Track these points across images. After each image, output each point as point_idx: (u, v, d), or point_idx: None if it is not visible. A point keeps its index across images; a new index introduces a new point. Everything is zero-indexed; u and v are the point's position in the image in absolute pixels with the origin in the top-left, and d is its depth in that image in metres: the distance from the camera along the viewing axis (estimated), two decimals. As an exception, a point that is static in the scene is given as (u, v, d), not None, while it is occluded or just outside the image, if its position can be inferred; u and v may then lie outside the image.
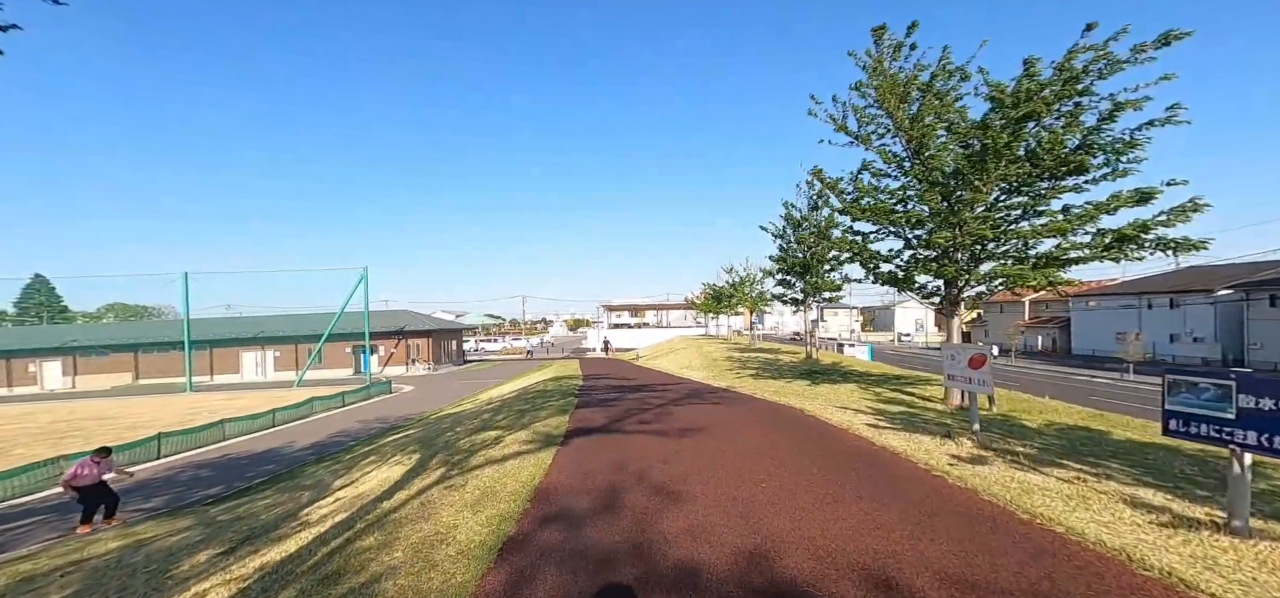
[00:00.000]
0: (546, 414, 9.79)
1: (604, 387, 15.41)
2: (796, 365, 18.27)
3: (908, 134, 9.32)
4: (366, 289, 38.21)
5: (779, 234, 19.96)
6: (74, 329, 42.47)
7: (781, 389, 12.34)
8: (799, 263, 18.75)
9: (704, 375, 17.81)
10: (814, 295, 19.46)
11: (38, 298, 69.37)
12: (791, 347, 29.78)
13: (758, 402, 10.37)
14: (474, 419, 11.76)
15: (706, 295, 49.93)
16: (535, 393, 15.14)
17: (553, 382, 18.22)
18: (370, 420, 22.81)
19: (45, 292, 70.24)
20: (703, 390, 13.28)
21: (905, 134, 9.38)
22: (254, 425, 20.71)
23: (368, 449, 13.13)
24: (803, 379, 14.20)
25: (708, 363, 22.28)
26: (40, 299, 69.36)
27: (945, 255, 9.11)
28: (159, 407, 28.26)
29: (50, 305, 69.60)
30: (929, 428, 7.02)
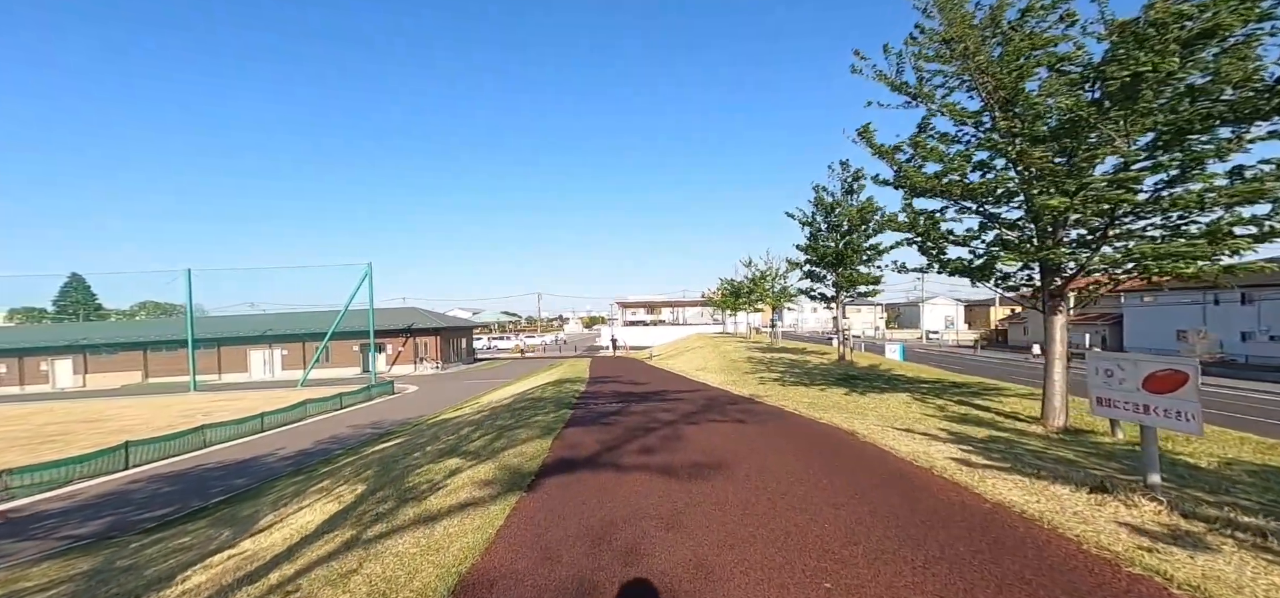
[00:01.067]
0: (528, 435, 7.90)
1: (608, 394, 13.50)
2: (829, 369, 16.08)
3: (994, 79, 7.11)
4: (371, 286, 37.08)
5: (808, 221, 17.76)
6: (84, 328, 42.39)
7: (817, 400, 10.24)
8: (831, 253, 16.53)
9: (722, 380, 15.75)
10: (847, 290, 17.22)
11: (75, 297, 70.70)
12: (818, 346, 27.42)
13: (791, 418, 8.31)
14: (449, 436, 9.96)
15: (723, 292, 47.68)
16: (530, 401, 13.32)
17: (554, 386, 16.39)
18: (362, 426, 21.39)
19: (82, 290, 71.54)
20: (721, 400, 11.26)
21: (991, 79, 7.16)
22: (240, 431, 19.39)
23: (326, 471, 11.45)
24: (839, 386, 12.06)
25: (726, 365, 20.18)
26: (77, 298, 70.68)
27: (1046, 233, 6.93)
28: (156, 408, 27.41)
29: (86, 304, 70.89)
30: (1049, 467, 4.90)
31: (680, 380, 17.32)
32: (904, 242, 8.50)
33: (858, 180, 16.04)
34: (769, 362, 19.37)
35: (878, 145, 8.35)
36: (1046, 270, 7.19)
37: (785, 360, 19.62)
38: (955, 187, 7.46)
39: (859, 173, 15.88)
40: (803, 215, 17.94)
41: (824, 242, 17.11)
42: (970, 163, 7.41)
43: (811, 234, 17.63)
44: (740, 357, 22.69)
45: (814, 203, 17.42)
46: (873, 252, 16.08)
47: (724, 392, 12.91)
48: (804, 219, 17.86)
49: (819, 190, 17.20)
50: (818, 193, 17.15)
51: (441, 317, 49.60)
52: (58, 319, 64.39)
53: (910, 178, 7.81)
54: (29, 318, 64.68)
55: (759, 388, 12.85)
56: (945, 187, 7.50)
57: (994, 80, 7.12)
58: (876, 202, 15.46)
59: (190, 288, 34.71)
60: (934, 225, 8.07)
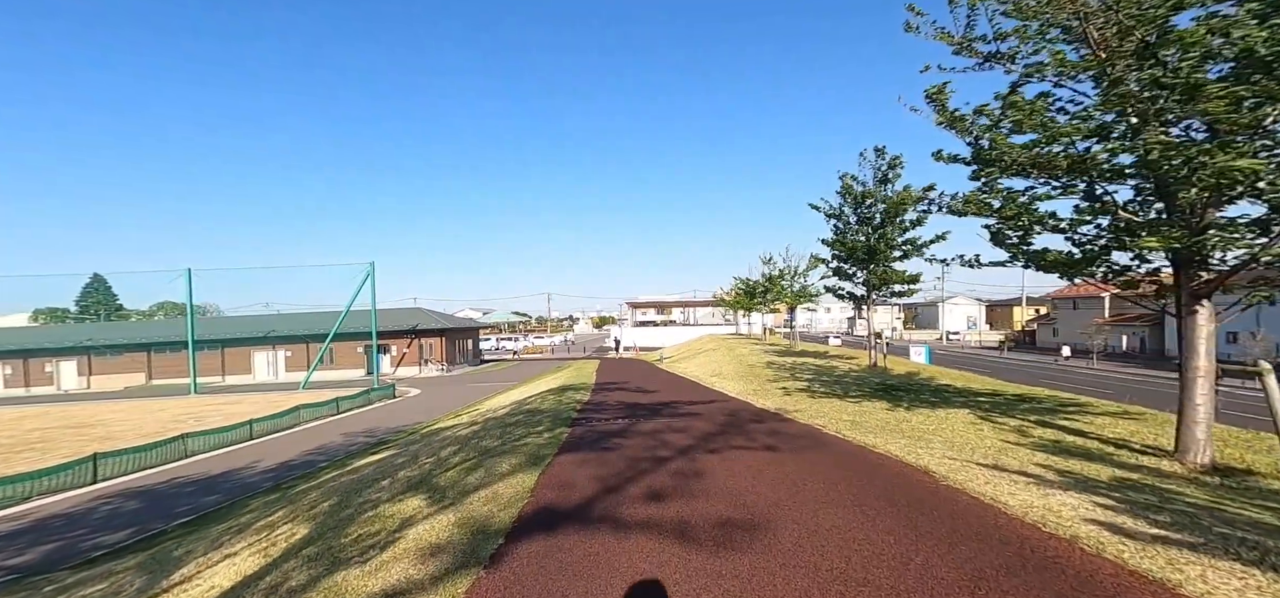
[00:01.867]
0: (512, 465, 6.46)
1: (613, 405, 12.01)
2: (862, 377, 14.42)
3: (1116, 24, 5.36)
4: (373, 286, 36.08)
5: (834, 213, 16.09)
6: (89, 329, 42.05)
7: (858, 417, 8.64)
8: (861, 249, 14.86)
9: (742, 388, 14.18)
10: (879, 289, 15.52)
11: (96, 297, 71.22)
12: (841, 350, 25.65)
13: (835, 444, 6.75)
14: (427, 459, 8.58)
15: (736, 292, 45.97)
16: (527, 413, 11.89)
17: (555, 395, 14.96)
18: (356, 434, 20.20)
19: (102, 291, 72.07)
20: (743, 415, 9.71)
21: (1114, 26, 5.40)
22: (224, 439, 18.29)
23: (281, 501, 10.11)
24: (879, 399, 10.43)
25: (744, 370, 18.57)
26: (98, 298, 71.20)
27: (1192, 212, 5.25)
28: (150, 412, 26.58)
29: (106, 304, 71.39)
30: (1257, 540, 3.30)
31: (694, 389, 15.77)
32: (987, 229, 6.82)
33: (894, 168, 14.34)
34: (791, 367, 17.73)
35: (951, 112, 6.70)
36: (1185, 262, 5.54)
37: (809, 366, 17.95)
38: (1058, 160, 5.80)
39: (896, 160, 14.20)
40: (828, 207, 16.28)
41: (853, 236, 15.44)
42: (1085, 129, 5.68)
43: (839, 228, 15.95)
44: (758, 361, 21.06)
45: (842, 193, 15.75)
46: (909, 246, 14.36)
47: (745, 404, 11.34)
48: (830, 211, 16.19)
49: (847, 180, 15.53)
50: (846, 183, 15.48)
51: (447, 317, 48.60)
52: (80, 319, 64.77)
53: (999, 150, 6.11)
54: (52, 318, 65.15)
55: (785, 400, 11.26)
56: (1045, 160, 5.84)
57: (1116, 24, 5.41)
58: (915, 190, 13.77)
59: (190, 288, 34.00)
60: (1027, 209, 6.37)
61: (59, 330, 42.28)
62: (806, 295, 25.13)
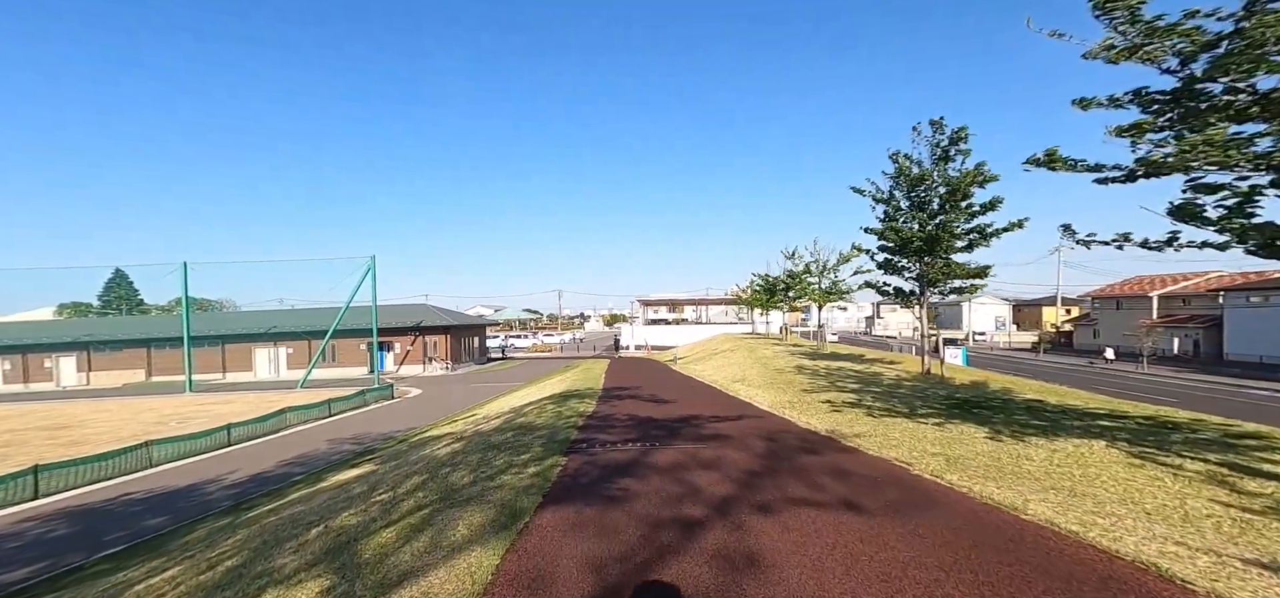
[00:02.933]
0: (469, 533, 4.46)
1: (622, 420, 9.95)
2: (918, 386, 12.15)
3: None
4: (374, 281, 34.52)
5: (883, 198, 13.81)
6: (88, 324, 41.26)
7: (949, 448, 6.46)
8: (916, 239, 12.58)
9: (774, 398, 12.03)
10: (936, 285, 13.24)
11: (118, 291, 71.37)
12: (876, 352, 23.28)
13: (946, 501, 4.63)
14: (384, 493, 6.63)
15: (754, 289, 43.62)
16: (517, 429, 9.90)
17: (555, 404, 12.96)
18: (343, 441, 18.46)
19: (124, 285, 72.22)
20: (788, 440, 7.59)
21: None
22: (198, 446, 16.64)
23: (228, 526, 8.24)
24: (961, 419, 8.21)
25: (771, 375, 16.38)
26: (120, 293, 71.35)
27: None
28: (137, 412, 25.22)
29: (128, 299, 71.53)
30: None
31: (716, 397, 13.65)
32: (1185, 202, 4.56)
33: (957, 143, 12.04)
34: (827, 373, 15.49)
35: (1142, 18, 4.43)
36: None
37: (848, 371, 15.69)
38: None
39: (960, 133, 11.89)
40: (875, 190, 14.00)
41: (906, 223, 13.15)
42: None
43: (888, 214, 13.67)
44: (785, 364, 18.83)
45: (894, 174, 13.46)
46: (977, 235, 12.04)
47: (785, 422, 9.20)
48: (877, 195, 13.90)
49: (900, 159, 13.24)
50: (899, 163, 13.18)
51: (452, 314, 47.02)
52: (103, 313, 64.82)
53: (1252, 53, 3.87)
54: (77, 312, 65.28)
55: (835, 417, 9.09)
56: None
57: None
58: (989, 168, 11.44)
59: (186, 283, 32.77)
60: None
61: (58, 326, 41.56)
62: (837, 292, 22.83)
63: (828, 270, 23.11)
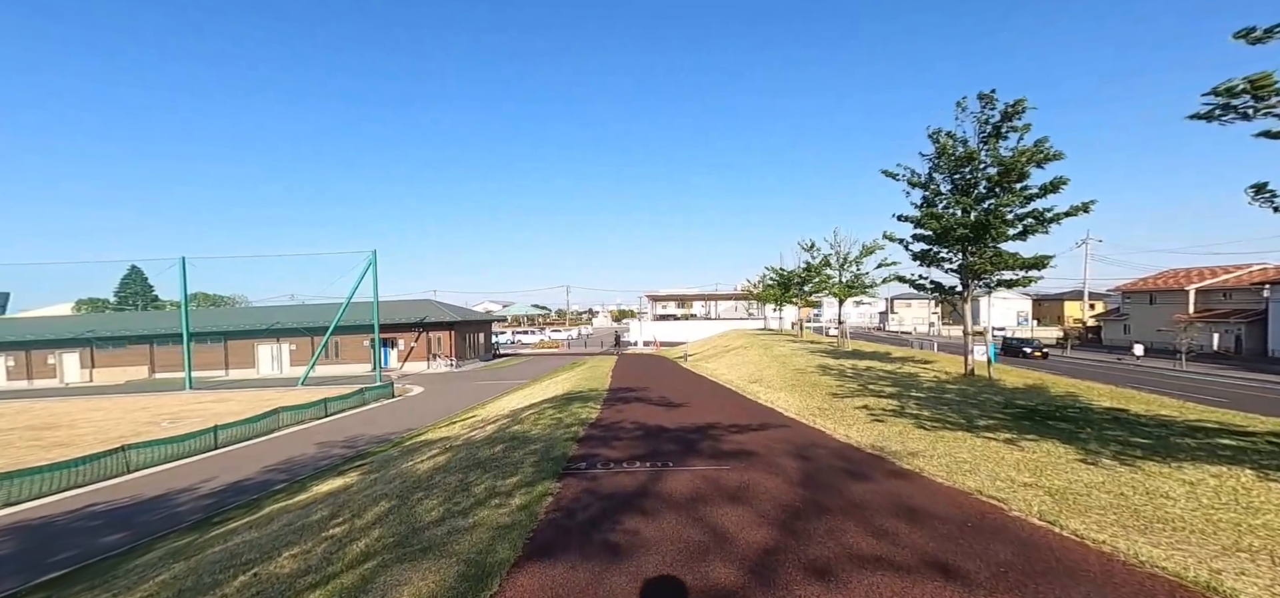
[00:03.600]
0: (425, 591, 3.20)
1: (628, 430, 8.71)
2: (966, 390, 10.75)
3: None
4: (375, 275, 33.59)
5: (920, 182, 12.37)
6: (91, 321, 40.92)
7: (1042, 476, 5.14)
8: (960, 225, 11.15)
9: (801, 404, 10.71)
10: (982, 278, 11.81)
11: (133, 288, 71.67)
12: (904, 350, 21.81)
13: (1097, 571, 3.30)
14: (333, 528, 5.46)
15: (766, 283, 42.15)
16: (511, 438, 8.70)
17: (555, 409, 11.76)
18: (334, 444, 17.46)
19: (139, 281, 72.51)
20: (828, 460, 6.30)
21: None
22: (180, 450, 15.71)
23: (188, 546, 7.15)
24: (1033, 433, 6.85)
25: (791, 375, 15.03)
26: (136, 289, 71.64)
27: None
28: (129, 411, 24.50)
29: (144, 295, 71.81)
30: None
31: (733, 401, 12.35)
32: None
33: (1011, 118, 10.57)
34: (855, 373, 14.11)
35: None
36: None
37: (877, 372, 14.30)
38: None
39: (1016, 106, 10.42)
40: (910, 174, 12.56)
41: (948, 209, 11.71)
42: None
43: (927, 200, 12.24)
44: (805, 363, 17.46)
45: (934, 155, 12.01)
46: (1034, 221, 10.58)
47: (818, 433, 7.90)
48: (913, 179, 12.46)
49: (941, 138, 11.79)
50: (940, 142, 11.72)
51: (457, 310, 46.11)
52: (119, 309, 65.06)
53: None
54: (93, 308, 65.65)
55: (879, 429, 7.76)
56: None
57: None
58: (1052, 146, 9.95)
59: (185, 278, 32.10)
60: None
61: (61, 322, 41.28)
62: (859, 286, 21.36)
63: (849, 263, 21.64)
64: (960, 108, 11.53)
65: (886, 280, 21.21)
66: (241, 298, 79.78)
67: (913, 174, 12.51)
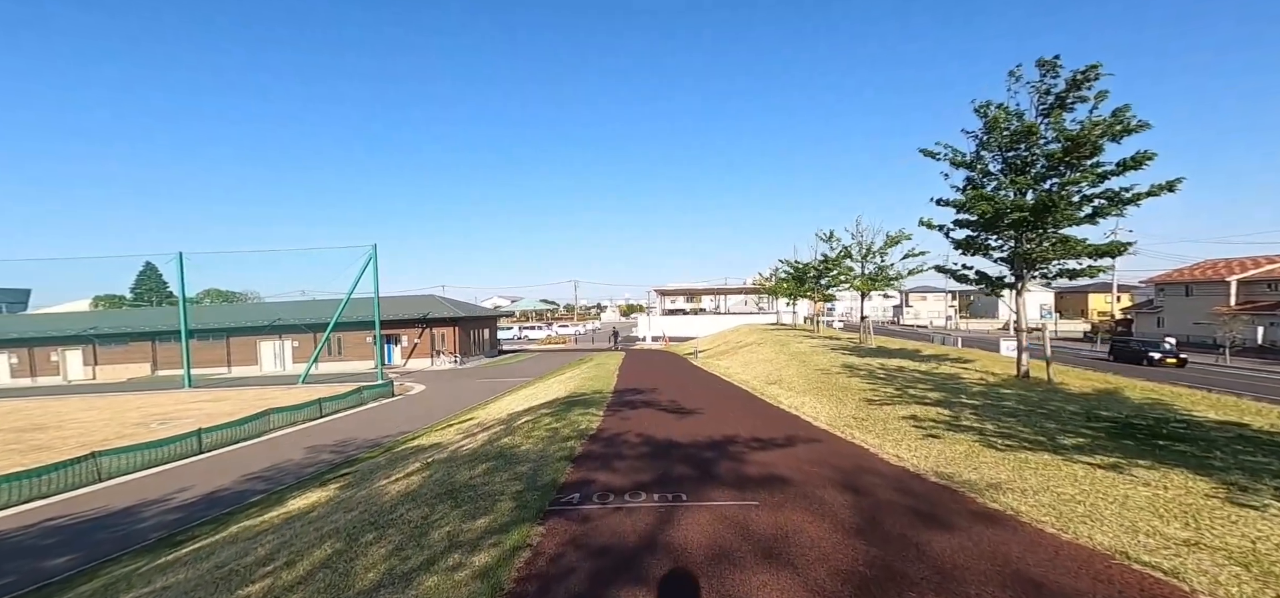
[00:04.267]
0: None
1: (633, 445, 7.45)
2: (1021, 393, 9.33)
3: None
4: (376, 270, 32.65)
5: (965, 161, 10.91)
6: (93, 317, 40.57)
7: (1203, 523, 3.80)
8: (1015, 209, 9.68)
9: (831, 411, 9.37)
10: (1038, 269, 10.36)
11: (149, 284, 71.98)
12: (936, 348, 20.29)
13: None
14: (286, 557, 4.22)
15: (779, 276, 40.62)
16: (496, 457, 7.49)
17: (553, 415, 10.53)
18: (325, 448, 16.49)
19: (155, 278, 72.76)
20: (883, 489, 4.99)
21: None
22: (160, 455, 14.79)
23: (138, 570, 6.01)
24: (1142, 453, 5.50)
25: (814, 376, 13.68)
26: (151, 285, 71.95)
27: None
28: (121, 410, 23.78)
29: (158, 291, 72.12)
30: None
31: (751, 406, 11.04)
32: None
33: (1080, 87, 9.07)
34: (886, 374, 12.71)
35: None
36: None
37: (909, 372, 12.89)
38: None
39: (1087, 73, 8.91)
40: (953, 154, 11.09)
41: (999, 191, 10.23)
42: None
43: (969, 181, 10.78)
44: (827, 361, 16.06)
45: (983, 130, 10.53)
46: (1107, 202, 9.09)
47: (860, 451, 6.57)
48: (956, 158, 10.99)
49: (990, 112, 10.31)
50: (990, 116, 10.24)
51: (461, 305, 45.18)
52: (135, 305, 65.43)
53: None
54: (110, 304, 66.07)
55: (936, 448, 6.42)
56: None
57: None
58: (1134, 116, 8.42)
59: (182, 273, 31.39)
60: None
61: (63, 319, 40.99)
62: (883, 279, 19.87)
63: (872, 254, 20.15)
64: (1014, 78, 10.03)
65: (913, 272, 19.67)
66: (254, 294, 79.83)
67: (955, 153, 11.03)
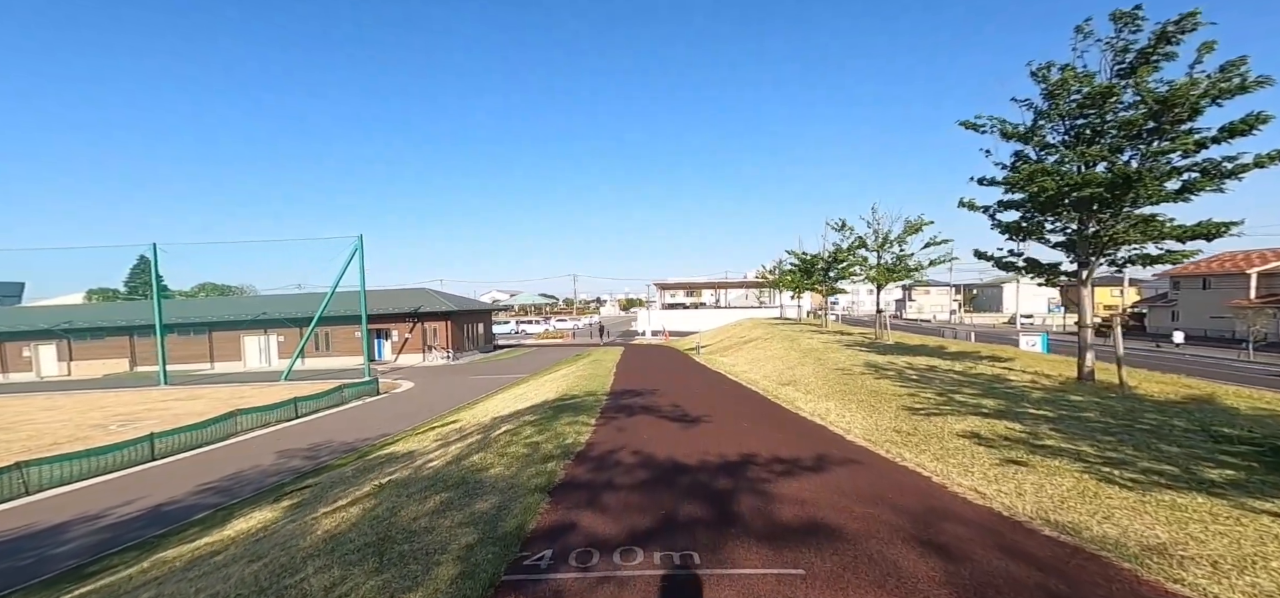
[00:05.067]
0: None
1: (628, 470, 5.94)
2: (1097, 401, 7.82)
3: None
4: (361, 262, 31.09)
5: (1019, 132, 9.35)
6: (68, 311, 38.98)
7: None
8: (1091, 184, 8.13)
9: (866, 421, 7.88)
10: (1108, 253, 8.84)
11: (144, 277, 70.41)
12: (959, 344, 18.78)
13: None
14: None
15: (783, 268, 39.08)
16: (456, 484, 5.98)
17: (536, 426, 9.02)
18: (296, 453, 15.02)
19: (149, 271, 71.04)
20: (987, 557, 3.49)
21: None
22: (100, 466, 13.28)
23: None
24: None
25: (834, 376, 12.18)
26: (146, 279, 70.36)
27: None
28: (83, 410, 22.24)
29: (154, 284, 70.47)
30: None
31: (767, 412, 9.54)
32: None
33: (1170, 40, 7.50)
34: (920, 377, 11.20)
35: None
36: None
37: (943, 372, 11.39)
38: None
39: (1182, 21, 7.35)
40: (1002, 125, 9.53)
41: (1065, 165, 8.68)
42: None
43: (1021, 155, 9.24)
44: (845, 359, 14.56)
45: (1043, 95, 8.96)
46: (1203, 176, 7.53)
47: (927, 483, 5.08)
48: (1008, 129, 9.43)
49: (1052, 75, 8.75)
50: (1056, 80, 8.69)
51: (454, 299, 43.61)
52: (129, 298, 63.96)
53: None
54: (104, 298, 64.60)
55: (1029, 481, 4.92)
56: None
57: None
58: (1250, 71, 6.84)
59: (156, 265, 29.85)
60: None
61: (36, 312, 39.37)
62: (903, 270, 18.33)
63: (889, 243, 18.60)
64: (1081, 33, 8.45)
65: (936, 263, 18.14)
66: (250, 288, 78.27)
67: (1004, 125, 9.46)
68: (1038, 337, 25.77)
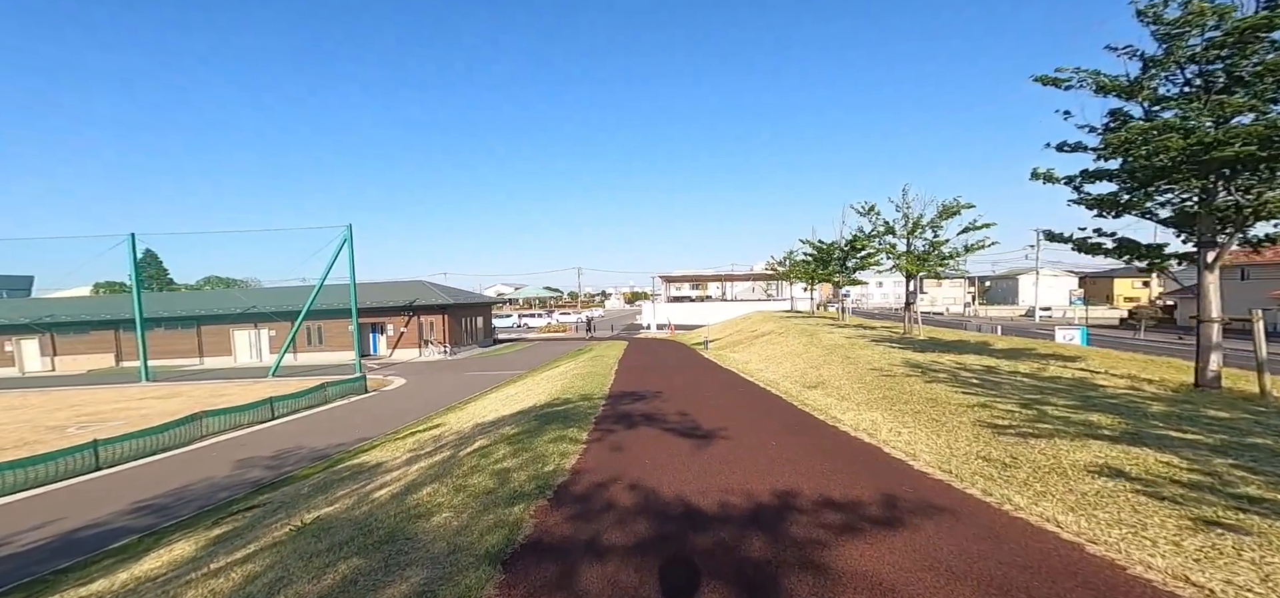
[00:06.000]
0: None
1: (619, 521, 4.18)
2: (1230, 420, 5.98)
3: None
4: (351, 253, 29.48)
5: (1119, 85, 7.46)
6: (52, 304, 37.74)
7: None
8: (1231, 142, 6.25)
9: (944, 445, 6.12)
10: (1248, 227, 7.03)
11: (147, 270, 69.63)
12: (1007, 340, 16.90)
13: None
14: None
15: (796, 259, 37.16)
16: (381, 543, 4.25)
17: (514, 444, 7.29)
18: (260, 459, 13.51)
19: (154, 265, 70.41)
20: None
21: None
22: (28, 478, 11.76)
23: None
24: None
25: (875, 381, 10.39)
26: (150, 272, 69.63)
27: None
28: (51, 410, 20.80)
29: (158, 278, 69.87)
30: None
31: (804, 429, 7.76)
32: None
33: None
34: (981, 381, 9.39)
35: None
36: None
37: (1006, 374, 9.58)
38: None
39: None
40: (1096, 78, 7.65)
41: (1189, 119, 6.80)
42: None
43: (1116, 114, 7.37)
44: (882, 359, 12.75)
45: (1157, 37, 7.07)
46: None
47: (1111, 575, 3.30)
48: (1104, 82, 7.55)
49: (1166, 16, 6.87)
50: (1176, 18, 6.81)
51: (451, 292, 42.04)
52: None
53: None
54: (111, 291, 63.87)
55: (1274, 565, 3.15)
56: None
57: None
58: None
59: (134, 257, 28.44)
60: None
61: (18, 305, 38.18)
62: (938, 257, 16.44)
63: (921, 228, 16.71)
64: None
65: (972, 249, 16.22)
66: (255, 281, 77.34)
67: (1099, 76, 7.57)
68: (1077, 330, 23.73)
